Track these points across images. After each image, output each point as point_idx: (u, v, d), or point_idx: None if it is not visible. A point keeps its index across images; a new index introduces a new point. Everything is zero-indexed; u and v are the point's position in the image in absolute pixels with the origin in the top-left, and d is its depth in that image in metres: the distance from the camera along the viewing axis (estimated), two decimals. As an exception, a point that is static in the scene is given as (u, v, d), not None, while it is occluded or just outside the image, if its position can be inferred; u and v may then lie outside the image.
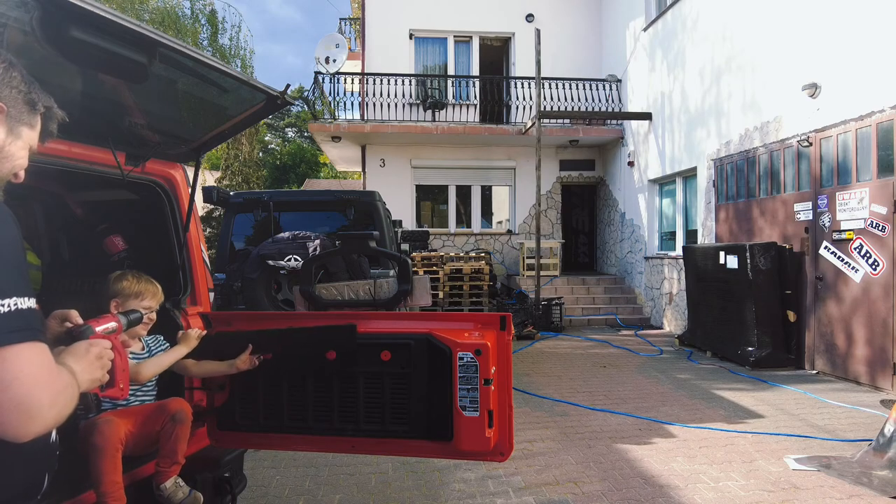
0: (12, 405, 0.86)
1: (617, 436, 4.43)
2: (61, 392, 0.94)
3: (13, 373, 0.86)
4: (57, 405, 0.92)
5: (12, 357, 0.87)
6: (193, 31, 14.14)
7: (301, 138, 37.08)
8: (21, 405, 0.87)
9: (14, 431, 0.88)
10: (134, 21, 1.43)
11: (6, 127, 1.06)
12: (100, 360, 1.17)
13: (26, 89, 1.09)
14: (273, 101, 2.06)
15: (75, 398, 1.01)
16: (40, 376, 0.90)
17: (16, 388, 0.86)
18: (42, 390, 0.89)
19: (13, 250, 0.94)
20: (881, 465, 3.54)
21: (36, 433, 0.90)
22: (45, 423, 0.90)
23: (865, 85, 5.91)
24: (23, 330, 0.89)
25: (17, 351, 0.88)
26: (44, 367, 0.92)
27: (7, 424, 0.87)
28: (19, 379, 0.87)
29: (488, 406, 1.70)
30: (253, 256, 4.58)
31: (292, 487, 3.51)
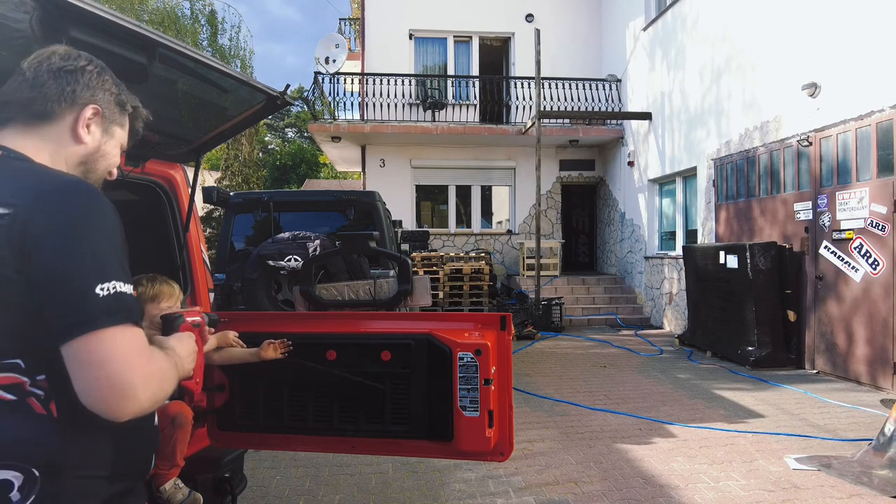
0: (107, 384, 0.91)
1: (617, 436, 4.43)
2: (154, 375, 0.98)
3: (109, 353, 0.91)
4: (150, 387, 0.96)
5: (108, 339, 0.92)
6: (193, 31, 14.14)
7: (301, 138, 37.08)
8: (115, 385, 0.91)
9: (110, 410, 0.92)
10: (134, 21, 1.43)
11: (101, 127, 1.15)
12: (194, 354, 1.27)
13: (117, 91, 1.18)
14: (273, 101, 2.06)
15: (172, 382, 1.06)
16: (133, 358, 0.94)
17: (110, 368, 0.91)
18: (135, 371, 0.93)
19: (115, 238, 1.01)
20: (881, 464, 3.54)
21: (131, 413, 0.93)
22: (139, 403, 0.93)
23: (865, 85, 5.91)
24: (120, 312, 0.94)
25: (113, 333, 0.93)
26: (137, 350, 0.96)
27: (103, 402, 0.91)
28: (114, 360, 0.92)
29: (488, 406, 1.70)
30: (253, 257, 4.58)
31: (293, 487, 3.51)
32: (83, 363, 0.91)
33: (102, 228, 0.99)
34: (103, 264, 0.96)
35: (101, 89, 1.14)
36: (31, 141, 1.07)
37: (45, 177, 1.02)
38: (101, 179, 1.19)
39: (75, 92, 1.09)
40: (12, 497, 0.93)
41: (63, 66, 1.09)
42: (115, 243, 1.00)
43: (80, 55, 1.13)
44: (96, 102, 1.13)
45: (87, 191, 1.02)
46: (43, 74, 1.07)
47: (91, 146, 1.13)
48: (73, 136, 1.11)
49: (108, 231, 0.99)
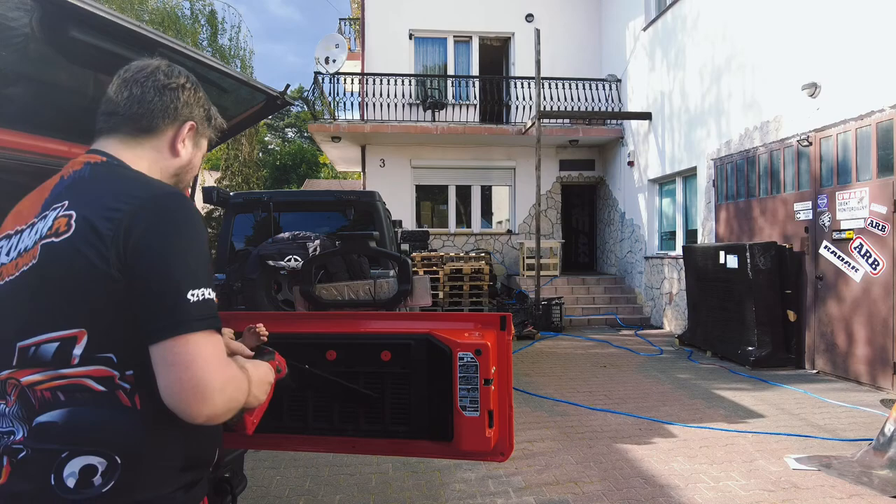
0: (190, 384, 0.96)
1: (617, 435, 4.43)
2: (230, 381, 1.03)
3: (193, 356, 0.97)
4: (226, 392, 1.00)
5: (194, 343, 0.98)
6: (193, 31, 14.16)
7: (301, 138, 37.08)
8: (197, 386, 0.96)
9: (188, 410, 0.97)
10: (133, 21, 1.43)
11: (194, 141, 1.25)
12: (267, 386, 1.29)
13: (207, 106, 1.27)
14: (273, 101, 2.06)
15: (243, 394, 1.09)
16: (214, 363, 0.99)
17: (194, 370, 0.96)
18: (214, 374, 0.98)
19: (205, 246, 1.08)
20: (881, 464, 3.54)
21: (206, 415, 0.98)
22: (214, 406, 0.98)
23: (865, 84, 5.91)
24: (207, 318, 1.00)
25: (199, 337, 0.98)
26: (218, 356, 1.01)
27: (183, 402, 0.96)
28: (198, 362, 0.97)
29: (488, 406, 1.70)
30: (253, 257, 4.58)
31: (293, 487, 3.51)
32: (169, 364, 0.97)
33: (196, 237, 1.06)
34: (195, 271, 1.02)
35: (197, 106, 1.23)
36: (132, 151, 1.16)
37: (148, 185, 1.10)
38: (187, 188, 1.31)
39: (177, 109, 1.19)
40: (95, 481, 0.99)
41: (167, 84, 1.18)
42: (205, 251, 1.07)
43: (180, 72, 1.21)
44: (193, 119, 1.22)
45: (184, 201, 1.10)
46: (150, 91, 1.16)
47: (185, 159, 1.23)
48: (171, 150, 1.20)
49: (200, 239, 1.07)
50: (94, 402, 1.02)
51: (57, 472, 0.99)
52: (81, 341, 1.02)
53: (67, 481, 0.98)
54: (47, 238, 1.03)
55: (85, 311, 1.02)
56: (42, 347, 1.03)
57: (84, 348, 1.02)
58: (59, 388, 1.02)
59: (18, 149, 1.85)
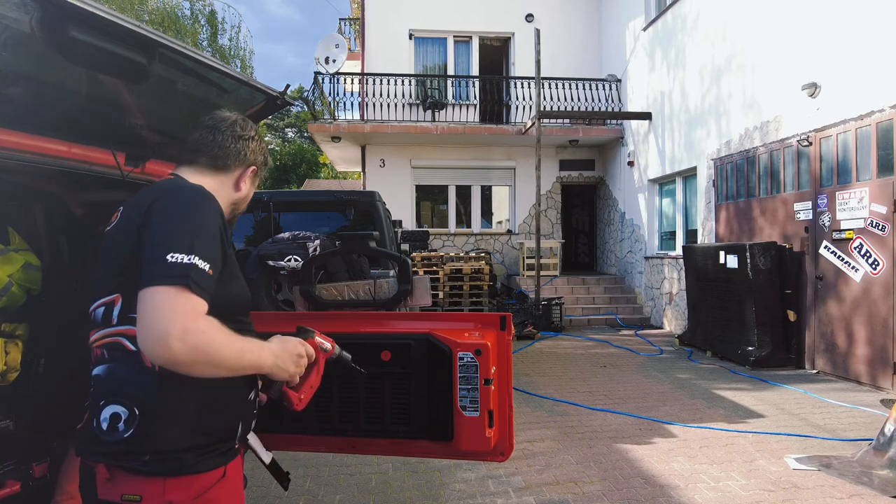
0: (148, 326, 1.11)
1: (617, 436, 4.43)
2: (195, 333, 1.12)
3: (158, 303, 1.11)
4: (188, 342, 1.10)
5: (163, 292, 1.12)
6: (193, 31, 14.16)
7: (301, 138, 37.06)
8: (154, 328, 1.10)
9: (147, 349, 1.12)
10: (134, 21, 1.43)
11: (251, 181, 1.53)
12: (299, 359, 1.41)
13: (266, 152, 1.57)
14: (273, 101, 2.06)
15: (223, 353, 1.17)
16: (177, 313, 1.11)
17: (156, 315, 1.11)
18: (174, 324, 1.10)
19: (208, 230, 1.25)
20: (882, 464, 3.54)
21: (163, 358, 1.11)
22: (171, 351, 1.09)
23: (865, 84, 5.91)
24: (180, 278, 1.14)
25: (167, 290, 1.12)
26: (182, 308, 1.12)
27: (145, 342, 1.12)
28: (161, 310, 1.11)
29: (488, 406, 1.70)
30: (253, 257, 4.57)
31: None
32: (140, 308, 1.13)
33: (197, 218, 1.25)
34: (182, 241, 1.18)
35: (261, 153, 1.54)
36: (203, 179, 1.41)
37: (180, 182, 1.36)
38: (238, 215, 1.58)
39: (246, 155, 1.49)
40: (119, 426, 1.20)
41: (242, 135, 1.48)
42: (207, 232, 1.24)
43: (251, 126, 1.53)
44: (256, 164, 1.53)
45: (203, 194, 1.32)
46: (228, 139, 1.46)
47: (243, 194, 1.52)
48: (235, 186, 1.50)
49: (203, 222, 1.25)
50: (125, 361, 1.23)
51: (97, 416, 1.22)
52: (118, 303, 1.25)
53: (103, 424, 1.21)
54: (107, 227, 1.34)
55: (120, 278, 1.24)
56: (96, 311, 1.28)
57: (120, 309, 1.24)
58: (104, 346, 1.26)
59: (18, 149, 1.85)
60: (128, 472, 1.20)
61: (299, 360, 1.41)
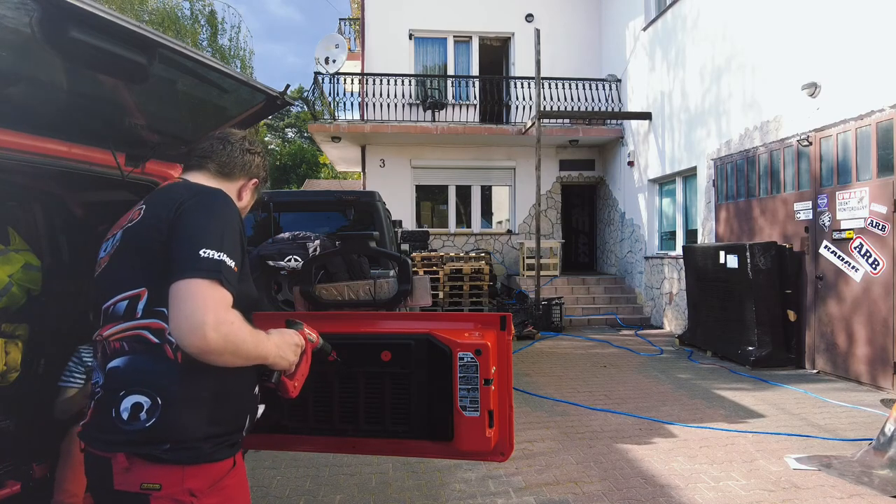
0: (184, 315, 1.17)
1: (617, 436, 4.43)
2: (227, 324, 1.19)
3: (193, 293, 1.18)
4: (220, 331, 1.17)
5: (197, 284, 1.19)
6: (193, 31, 14.16)
7: (301, 138, 37.05)
8: (190, 317, 1.16)
9: (183, 338, 1.17)
10: (134, 22, 1.43)
11: (252, 193, 1.64)
12: (296, 348, 1.50)
13: (268, 169, 1.68)
14: (273, 101, 2.06)
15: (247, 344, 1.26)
16: (210, 303, 1.18)
17: (191, 304, 1.17)
18: (208, 313, 1.17)
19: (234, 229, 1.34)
20: (882, 464, 3.54)
21: (198, 346, 1.17)
22: (205, 340, 1.16)
23: (865, 84, 5.91)
24: (212, 271, 1.21)
25: (200, 282, 1.20)
26: (215, 299, 1.20)
27: (180, 330, 1.17)
28: (195, 299, 1.18)
29: (489, 406, 1.70)
30: (252, 257, 4.57)
31: (293, 488, 3.51)
32: (174, 298, 1.19)
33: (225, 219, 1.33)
34: (212, 238, 1.26)
35: (264, 169, 1.65)
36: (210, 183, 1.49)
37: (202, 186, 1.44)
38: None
39: (251, 168, 1.61)
40: (141, 416, 1.24)
41: (249, 149, 1.60)
42: (232, 232, 1.33)
43: (258, 143, 1.65)
44: (258, 177, 1.64)
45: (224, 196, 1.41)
46: (237, 150, 1.57)
47: (244, 203, 1.62)
48: (238, 195, 1.59)
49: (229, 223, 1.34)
50: (147, 352, 1.27)
51: (116, 406, 1.25)
52: (144, 297, 1.29)
53: (123, 414, 1.24)
54: (126, 225, 1.39)
55: (147, 272, 1.29)
56: (117, 305, 1.31)
57: (146, 303, 1.29)
58: (124, 339, 1.29)
59: (18, 149, 1.85)
60: (147, 461, 1.23)
61: (297, 350, 1.50)
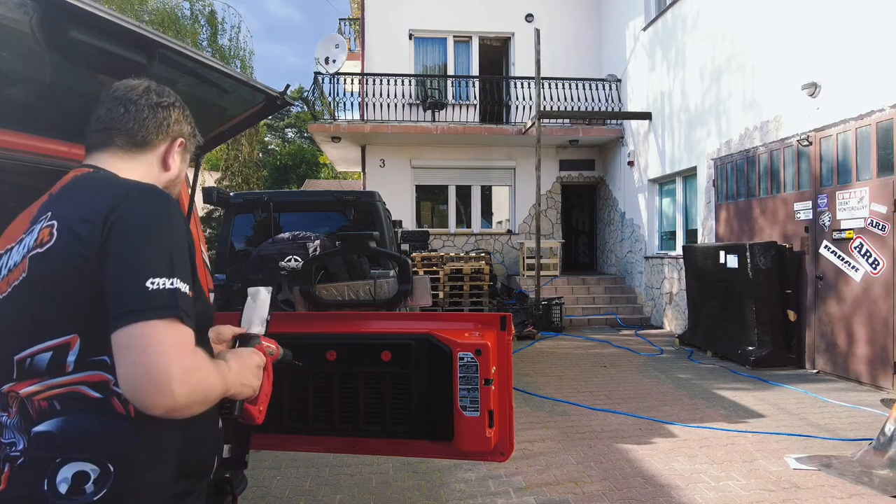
0: (143, 371, 0.92)
1: (617, 435, 4.43)
2: (194, 372, 0.97)
3: (149, 341, 0.94)
4: (188, 384, 0.95)
5: (152, 328, 0.95)
6: (193, 31, 14.16)
7: (301, 138, 37.06)
8: (150, 373, 0.92)
9: (144, 399, 0.93)
10: (133, 21, 1.43)
11: (181, 156, 1.31)
12: (257, 370, 1.26)
13: (193, 123, 1.33)
14: (273, 101, 2.06)
15: (214, 388, 1.04)
16: (174, 351, 0.95)
17: (149, 356, 0.93)
18: (173, 364, 0.94)
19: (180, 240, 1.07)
20: (882, 464, 3.54)
21: (164, 407, 0.93)
22: (173, 397, 0.93)
23: (865, 84, 5.91)
24: (168, 308, 0.97)
25: (157, 324, 0.95)
26: (180, 344, 0.97)
27: (138, 390, 0.93)
28: (153, 348, 0.93)
29: (489, 406, 1.70)
30: (253, 257, 4.57)
31: (293, 488, 3.51)
32: (123, 350, 0.94)
33: (169, 231, 1.05)
34: (159, 261, 1.00)
35: (186, 123, 1.30)
36: (125, 164, 1.19)
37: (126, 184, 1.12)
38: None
39: (169, 126, 1.25)
40: (87, 488, 0.99)
41: (160, 102, 1.23)
42: (179, 245, 1.06)
43: (168, 92, 1.27)
44: (182, 135, 1.29)
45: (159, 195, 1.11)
46: (144, 109, 1.21)
47: (174, 173, 1.29)
48: (163, 164, 1.26)
49: (174, 233, 1.06)
50: (88, 410, 1.02)
51: (50, 477, 0.99)
52: (74, 347, 1.02)
53: (60, 487, 0.99)
54: (34, 250, 1.05)
55: (75, 315, 1.02)
56: (37, 358, 1.03)
57: (78, 354, 1.02)
58: (54, 398, 1.02)
59: (18, 149, 1.85)
60: None
61: (258, 372, 1.26)
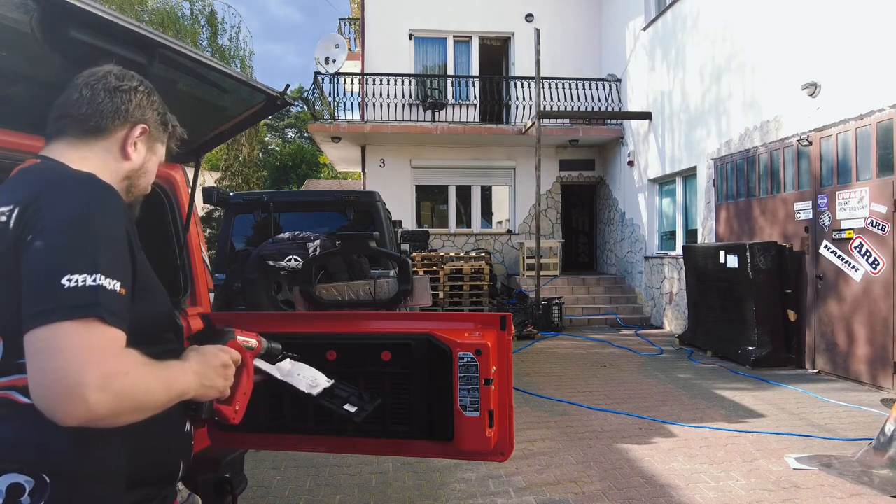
0: (53, 378, 0.83)
1: (617, 435, 4.43)
2: (117, 377, 0.87)
3: (61, 345, 0.84)
4: (109, 390, 0.85)
5: (65, 330, 0.85)
6: (193, 31, 14.16)
7: (301, 139, 37.07)
8: (61, 380, 0.83)
9: (54, 408, 0.84)
10: (134, 21, 1.43)
11: (146, 145, 1.20)
12: (225, 370, 1.16)
13: (162, 111, 1.23)
14: (273, 101, 2.06)
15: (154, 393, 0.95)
16: (89, 355, 0.85)
17: (60, 361, 0.84)
18: (88, 370, 0.84)
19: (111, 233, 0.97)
20: (882, 464, 3.54)
21: (78, 417, 0.84)
22: (87, 407, 0.83)
23: (865, 84, 5.91)
24: (87, 307, 0.87)
25: (72, 326, 0.86)
26: (96, 347, 0.86)
27: (46, 399, 0.84)
28: (63, 352, 0.84)
29: (489, 406, 1.70)
30: (253, 257, 4.58)
31: (293, 488, 3.51)
32: (34, 353, 0.85)
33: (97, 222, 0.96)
34: (81, 256, 0.91)
35: (150, 108, 1.20)
36: (79, 152, 1.10)
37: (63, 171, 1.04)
38: (142, 194, 1.24)
39: (128, 110, 1.15)
40: (23, 501, 0.91)
41: (118, 86, 1.14)
42: (111, 239, 0.96)
43: (132, 76, 1.19)
44: (145, 122, 1.18)
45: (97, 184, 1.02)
46: (100, 93, 1.12)
47: (136, 163, 1.18)
48: (122, 152, 1.16)
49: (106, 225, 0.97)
50: (19, 417, 0.93)
51: None
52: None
53: None
54: None
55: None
56: None
57: (2, 356, 0.95)
58: None
59: (18, 149, 1.85)
60: None
61: (225, 371, 1.16)
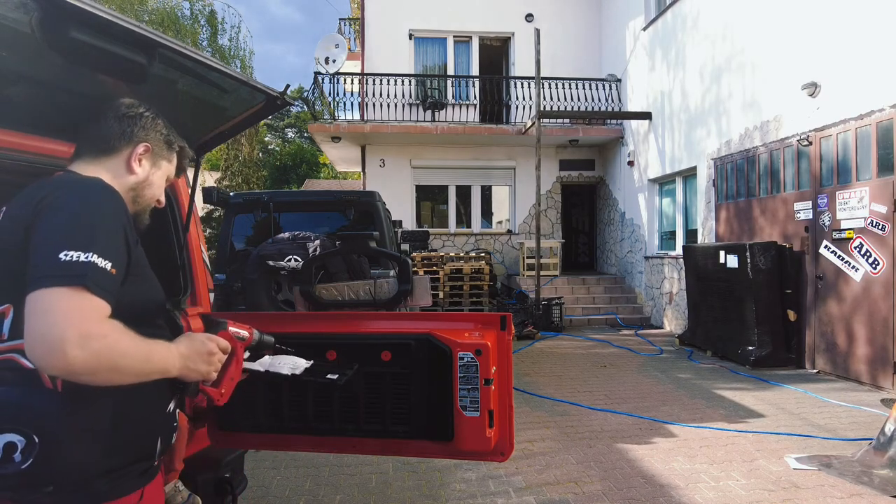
0: (40, 333, 0.98)
1: (617, 435, 4.43)
2: (97, 338, 1.00)
3: (50, 305, 0.99)
4: (88, 349, 0.98)
5: (55, 294, 0.99)
6: (193, 31, 14.17)
7: (301, 138, 37.06)
8: (46, 335, 0.97)
9: (39, 359, 0.98)
10: (133, 21, 1.43)
11: (151, 161, 1.39)
12: (211, 356, 1.29)
13: (166, 132, 1.43)
14: (273, 101, 2.05)
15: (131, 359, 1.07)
16: (73, 316, 0.99)
17: (47, 320, 0.98)
18: (70, 328, 0.97)
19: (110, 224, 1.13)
20: (882, 464, 3.54)
21: (59, 368, 0.98)
22: (66, 360, 0.96)
23: (865, 84, 5.91)
24: (76, 277, 1.01)
25: (61, 291, 1.00)
26: (81, 310, 1.00)
27: (35, 351, 0.98)
28: (53, 313, 0.98)
29: (489, 406, 1.70)
30: (253, 257, 4.58)
31: (293, 488, 3.51)
32: (30, 314, 0.99)
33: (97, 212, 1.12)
34: (78, 236, 1.06)
35: (154, 130, 1.39)
36: (94, 168, 1.29)
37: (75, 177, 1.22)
38: (149, 205, 1.42)
39: (133, 132, 1.35)
40: (15, 457, 1.04)
41: (126, 113, 1.35)
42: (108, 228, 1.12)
43: (140, 104, 1.40)
44: (148, 141, 1.37)
45: (101, 185, 1.19)
46: (110, 119, 1.34)
47: (141, 176, 1.36)
48: (127, 168, 1.34)
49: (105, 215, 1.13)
50: (18, 381, 1.08)
51: None
52: (9, 315, 1.10)
53: None
54: None
55: (9, 285, 1.10)
56: None
57: (12, 322, 1.10)
58: None
59: (18, 149, 1.85)
60: None
61: (210, 358, 1.29)
